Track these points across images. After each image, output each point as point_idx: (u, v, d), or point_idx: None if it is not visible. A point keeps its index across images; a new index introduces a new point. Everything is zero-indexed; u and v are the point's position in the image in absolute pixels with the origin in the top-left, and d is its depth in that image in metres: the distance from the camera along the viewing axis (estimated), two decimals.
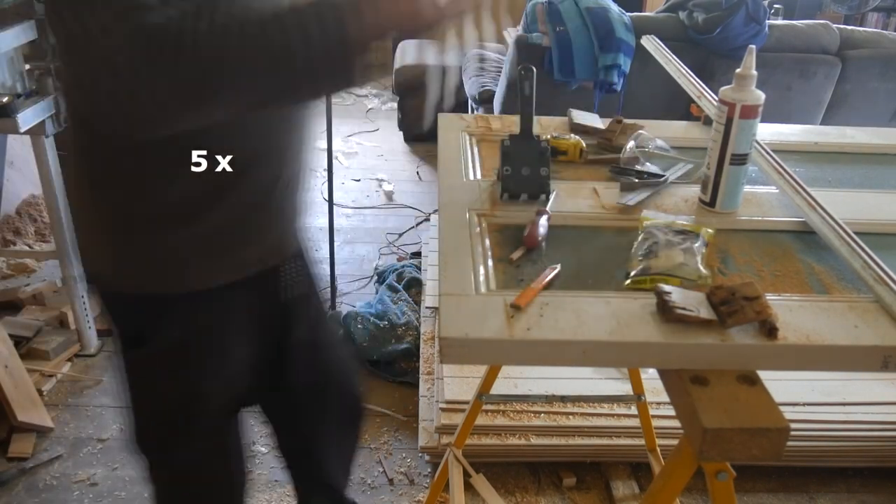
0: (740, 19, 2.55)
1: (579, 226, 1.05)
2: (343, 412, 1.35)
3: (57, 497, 1.86)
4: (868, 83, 2.73)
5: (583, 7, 2.63)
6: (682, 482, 0.82)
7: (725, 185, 1.06)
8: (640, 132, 1.30)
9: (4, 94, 1.92)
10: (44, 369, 2.25)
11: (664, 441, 1.73)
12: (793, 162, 1.28)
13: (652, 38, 1.67)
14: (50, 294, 2.57)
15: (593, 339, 0.79)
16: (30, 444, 1.99)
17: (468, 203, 1.08)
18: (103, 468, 1.95)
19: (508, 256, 0.95)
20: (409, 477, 1.97)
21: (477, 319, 0.81)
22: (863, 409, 1.98)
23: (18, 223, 3.02)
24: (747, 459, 0.73)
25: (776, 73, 2.65)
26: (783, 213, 1.09)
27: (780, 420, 0.73)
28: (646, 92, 2.68)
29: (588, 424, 1.92)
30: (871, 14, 4.83)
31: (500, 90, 2.80)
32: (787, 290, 0.91)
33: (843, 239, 0.97)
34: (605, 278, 0.92)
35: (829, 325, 0.82)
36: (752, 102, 1.01)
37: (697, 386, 0.77)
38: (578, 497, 1.91)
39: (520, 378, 2.02)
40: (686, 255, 0.91)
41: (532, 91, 1.07)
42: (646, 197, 1.11)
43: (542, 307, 0.83)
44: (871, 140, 1.43)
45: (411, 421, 2.14)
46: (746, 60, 1.01)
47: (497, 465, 1.97)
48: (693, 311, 0.80)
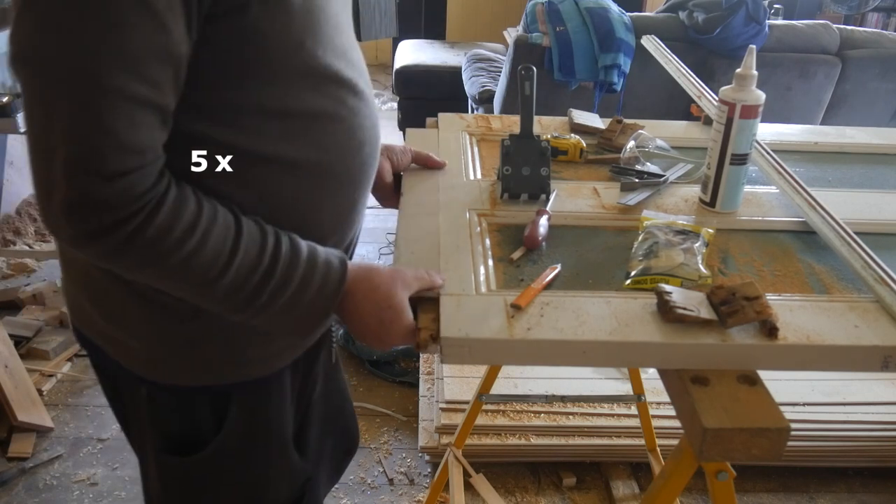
0: (740, 19, 2.55)
1: (579, 226, 1.05)
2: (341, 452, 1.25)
3: (57, 497, 1.86)
4: (868, 83, 2.73)
5: (583, 7, 2.63)
6: (682, 482, 0.82)
7: (725, 185, 1.06)
8: (640, 132, 1.30)
9: (4, 94, 1.92)
10: (44, 369, 2.25)
11: (664, 441, 1.73)
12: (793, 162, 1.28)
13: (652, 38, 1.67)
14: (50, 294, 2.57)
15: (593, 339, 0.79)
16: (30, 444, 1.99)
17: (468, 203, 1.08)
18: (103, 468, 1.95)
19: (509, 256, 0.95)
20: (409, 477, 1.97)
21: (477, 319, 0.81)
22: (863, 409, 1.98)
23: (18, 223, 3.02)
24: (747, 459, 0.73)
25: (776, 73, 2.65)
26: (783, 213, 1.09)
27: (781, 420, 0.73)
28: (646, 92, 2.68)
29: (588, 424, 1.92)
30: (871, 14, 4.83)
31: (500, 90, 2.80)
32: (787, 290, 0.91)
33: (843, 239, 0.97)
34: (606, 278, 0.92)
35: (830, 325, 0.82)
36: (752, 102, 1.01)
37: (698, 386, 0.77)
38: (578, 497, 1.91)
39: (520, 378, 2.02)
40: (686, 255, 0.91)
41: (532, 91, 1.07)
42: (646, 197, 1.11)
43: (543, 307, 0.83)
44: (871, 140, 1.43)
45: (411, 421, 2.14)
46: (746, 60, 1.01)
47: (497, 465, 1.97)
48: (693, 311, 0.80)
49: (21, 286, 2.62)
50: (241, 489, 0.98)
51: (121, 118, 0.66)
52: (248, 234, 0.76)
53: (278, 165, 0.80)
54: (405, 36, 4.52)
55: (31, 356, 2.29)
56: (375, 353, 2.35)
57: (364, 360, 2.37)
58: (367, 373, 2.35)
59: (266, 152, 0.79)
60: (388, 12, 3.74)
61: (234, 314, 0.80)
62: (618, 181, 1.16)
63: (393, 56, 4.23)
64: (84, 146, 0.66)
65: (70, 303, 0.94)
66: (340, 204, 0.89)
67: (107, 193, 0.67)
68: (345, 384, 1.25)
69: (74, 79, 0.65)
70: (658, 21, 2.74)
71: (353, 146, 0.87)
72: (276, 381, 0.95)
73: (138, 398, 0.92)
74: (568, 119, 1.43)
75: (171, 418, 0.92)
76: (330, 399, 1.16)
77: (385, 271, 0.83)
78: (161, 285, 0.77)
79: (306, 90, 0.80)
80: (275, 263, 0.77)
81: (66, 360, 2.33)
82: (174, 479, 0.96)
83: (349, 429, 1.26)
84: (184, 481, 0.96)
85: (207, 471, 0.95)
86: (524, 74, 1.06)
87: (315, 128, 0.82)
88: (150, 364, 0.89)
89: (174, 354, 0.88)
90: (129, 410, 0.96)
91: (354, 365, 2.38)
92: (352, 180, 0.89)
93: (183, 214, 0.72)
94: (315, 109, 0.81)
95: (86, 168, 0.66)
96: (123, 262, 0.73)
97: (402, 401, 2.24)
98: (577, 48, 2.59)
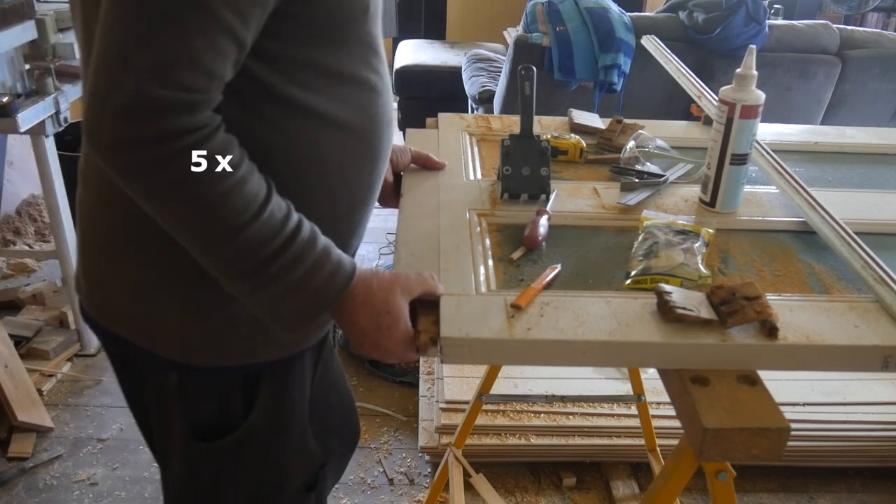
0: (740, 19, 2.55)
1: (579, 226, 1.05)
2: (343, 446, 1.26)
3: (57, 497, 1.86)
4: (868, 83, 2.73)
5: (583, 7, 2.63)
6: (682, 482, 0.82)
7: (725, 185, 1.06)
8: (640, 132, 1.30)
9: (4, 94, 1.92)
10: (44, 369, 2.25)
11: (664, 441, 1.73)
12: (793, 162, 1.28)
13: (652, 38, 1.67)
14: (50, 294, 2.57)
15: (593, 339, 0.79)
16: (30, 444, 1.99)
17: (468, 203, 1.08)
18: (103, 468, 1.95)
19: (509, 256, 0.95)
20: (409, 477, 1.97)
21: (477, 319, 0.81)
22: (863, 409, 1.98)
23: (18, 223, 3.02)
24: (747, 459, 0.73)
25: (776, 73, 2.65)
26: (783, 213, 1.09)
27: (781, 420, 0.73)
28: (646, 92, 2.68)
29: (588, 424, 1.92)
30: (871, 14, 4.83)
31: (500, 90, 2.80)
32: (787, 290, 0.91)
33: (843, 239, 0.97)
34: (606, 278, 0.92)
35: (830, 325, 0.82)
36: (752, 102, 1.01)
37: (698, 386, 0.77)
38: (578, 497, 1.91)
39: (520, 378, 2.02)
40: (686, 255, 0.91)
41: (532, 91, 1.07)
42: (646, 197, 1.11)
43: (543, 307, 0.83)
44: (871, 140, 1.43)
45: (411, 421, 2.14)
46: (746, 60, 1.01)
47: (497, 465, 1.97)
48: (693, 311, 0.80)
49: (21, 286, 2.62)
50: (262, 474, 0.99)
51: (205, 38, 0.68)
52: (276, 201, 0.77)
53: (328, 122, 0.84)
54: (405, 36, 4.52)
55: (31, 356, 2.29)
56: None
57: (364, 361, 2.37)
58: (367, 373, 2.35)
59: (319, 109, 0.83)
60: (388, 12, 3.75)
61: (236, 281, 0.78)
62: (618, 181, 1.16)
63: (393, 56, 4.23)
64: (163, 54, 0.67)
65: (89, 292, 0.92)
66: (369, 174, 0.92)
67: (171, 102, 0.68)
68: (344, 378, 1.26)
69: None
70: (658, 21, 2.74)
71: (385, 120, 0.92)
72: (300, 363, 0.97)
73: (167, 386, 0.91)
74: (568, 119, 1.43)
75: (201, 404, 0.92)
76: (329, 388, 1.17)
77: (386, 276, 0.83)
78: (177, 225, 0.75)
79: (359, 59, 0.86)
80: (294, 236, 0.77)
81: (66, 360, 2.33)
82: (200, 466, 0.96)
83: (351, 420, 1.27)
84: (209, 467, 0.96)
85: (233, 455, 0.95)
86: (524, 74, 1.06)
87: (361, 95, 0.87)
88: (185, 346, 0.89)
89: (211, 335, 0.88)
90: (155, 401, 0.95)
91: (354, 365, 2.38)
92: (383, 154, 0.94)
93: (231, 151, 0.73)
94: (363, 78, 0.87)
95: (158, 75, 0.67)
96: (157, 181, 0.71)
97: (402, 401, 2.24)
98: (577, 48, 2.59)
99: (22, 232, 3.00)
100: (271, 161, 0.80)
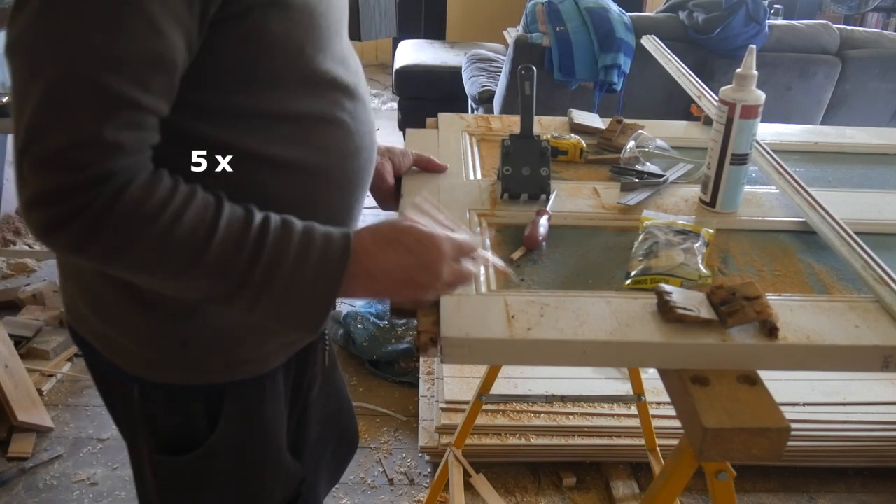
0: (740, 19, 2.55)
1: (579, 226, 1.05)
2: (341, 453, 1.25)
3: (57, 497, 1.86)
4: (868, 83, 2.73)
5: (583, 7, 2.63)
6: (682, 482, 0.82)
7: (725, 185, 1.06)
8: (640, 132, 1.30)
9: (4, 94, 1.92)
10: (44, 369, 2.25)
11: (664, 441, 1.74)
12: (793, 162, 1.28)
13: (652, 38, 1.67)
14: (50, 294, 2.57)
15: (593, 339, 0.79)
16: (30, 444, 1.99)
17: (468, 203, 1.08)
18: (103, 468, 1.95)
19: (509, 256, 0.95)
20: (409, 477, 1.97)
21: (477, 319, 0.81)
22: (863, 409, 1.98)
23: (18, 223, 3.02)
24: (747, 459, 0.73)
25: (776, 73, 2.65)
26: (783, 213, 1.09)
27: (781, 420, 0.73)
28: (646, 92, 2.68)
29: (588, 424, 1.92)
30: (871, 14, 4.83)
31: (500, 90, 2.80)
32: (787, 290, 0.91)
33: (843, 239, 0.97)
34: (606, 278, 0.92)
35: (830, 325, 0.82)
36: (752, 102, 1.01)
37: (698, 386, 0.77)
38: (578, 497, 1.91)
39: (520, 378, 2.02)
40: (686, 255, 0.91)
41: (532, 91, 1.07)
42: (646, 197, 1.11)
43: (543, 307, 0.83)
44: (871, 140, 1.43)
45: (411, 421, 2.15)
46: (746, 60, 1.01)
47: (497, 465, 1.97)
48: (693, 311, 0.80)
49: (21, 286, 2.62)
50: (235, 489, 0.98)
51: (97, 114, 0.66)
52: (229, 211, 0.72)
53: (278, 168, 0.80)
54: (405, 36, 4.52)
55: (31, 356, 2.29)
56: (375, 353, 2.35)
57: (364, 360, 2.37)
58: (367, 373, 2.35)
59: (266, 154, 0.79)
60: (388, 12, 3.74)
61: (231, 304, 0.74)
62: (618, 181, 1.16)
63: (393, 56, 4.23)
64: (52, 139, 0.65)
65: (66, 302, 0.93)
66: (338, 207, 0.89)
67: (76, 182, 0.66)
68: (343, 385, 1.24)
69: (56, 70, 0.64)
70: (658, 21, 2.74)
71: (351, 150, 0.87)
72: (270, 381, 0.95)
73: (131, 397, 0.91)
74: (568, 119, 1.43)
75: (164, 417, 0.91)
76: (328, 400, 1.16)
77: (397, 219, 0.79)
78: (144, 277, 0.73)
79: (306, 95, 0.81)
80: (263, 238, 0.72)
81: (66, 360, 2.33)
82: (168, 479, 0.95)
83: (349, 429, 1.26)
84: (178, 481, 0.95)
85: (201, 470, 0.94)
86: (524, 74, 1.06)
87: (315, 131, 0.83)
88: (143, 363, 0.88)
89: (167, 354, 0.87)
90: (123, 410, 0.96)
91: (354, 365, 2.38)
92: (349, 184, 0.89)
93: (156, 190, 0.69)
94: (315, 113, 0.82)
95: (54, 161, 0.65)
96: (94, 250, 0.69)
97: (402, 401, 2.24)
98: (577, 48, 2.59)
99: (22, 232, 3.00)
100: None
